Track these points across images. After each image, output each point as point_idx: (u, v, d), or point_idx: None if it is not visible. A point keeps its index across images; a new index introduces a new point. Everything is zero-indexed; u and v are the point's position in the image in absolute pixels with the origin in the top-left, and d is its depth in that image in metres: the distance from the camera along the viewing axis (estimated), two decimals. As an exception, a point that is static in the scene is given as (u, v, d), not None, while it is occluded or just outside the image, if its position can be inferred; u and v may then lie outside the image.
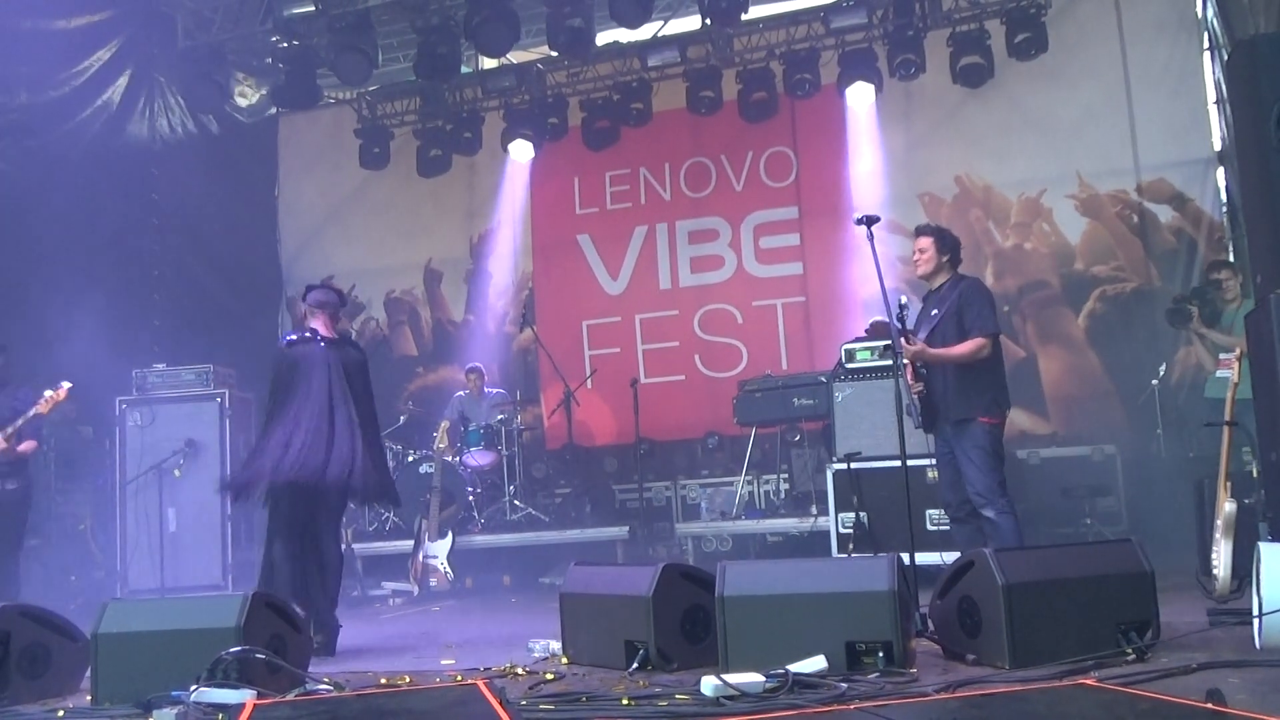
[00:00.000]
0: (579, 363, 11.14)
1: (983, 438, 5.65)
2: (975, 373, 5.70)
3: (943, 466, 5.89)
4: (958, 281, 5.91)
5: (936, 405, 5.79)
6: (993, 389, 5.74)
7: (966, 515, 5.74)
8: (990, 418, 5.68)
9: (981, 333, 5.68)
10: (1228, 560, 5.28)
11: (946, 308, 5.81)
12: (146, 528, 8.49)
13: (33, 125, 9.13)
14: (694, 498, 9.91)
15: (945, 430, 5.79)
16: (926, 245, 5.95)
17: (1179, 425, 8.83)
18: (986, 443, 5.64)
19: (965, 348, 5.68)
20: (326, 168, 12.25)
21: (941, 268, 5.94)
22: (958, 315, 5.75)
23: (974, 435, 5.66)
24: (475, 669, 4.65)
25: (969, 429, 5.67)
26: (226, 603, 4.44)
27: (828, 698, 3.56)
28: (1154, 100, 9.90)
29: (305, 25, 10.07)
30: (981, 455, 5.63)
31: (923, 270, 6.00)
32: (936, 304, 5.92)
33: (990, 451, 5.64)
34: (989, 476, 5.61)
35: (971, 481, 5.63)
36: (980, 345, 5.66)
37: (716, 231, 11.27)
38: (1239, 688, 3.39)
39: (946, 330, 5.77)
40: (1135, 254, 9.95)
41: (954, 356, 5.70)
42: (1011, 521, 5.53)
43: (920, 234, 6.04)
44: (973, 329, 5.69)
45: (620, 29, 10.04)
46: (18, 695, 4.29)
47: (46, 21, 9.23)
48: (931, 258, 5.94)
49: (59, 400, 6.48)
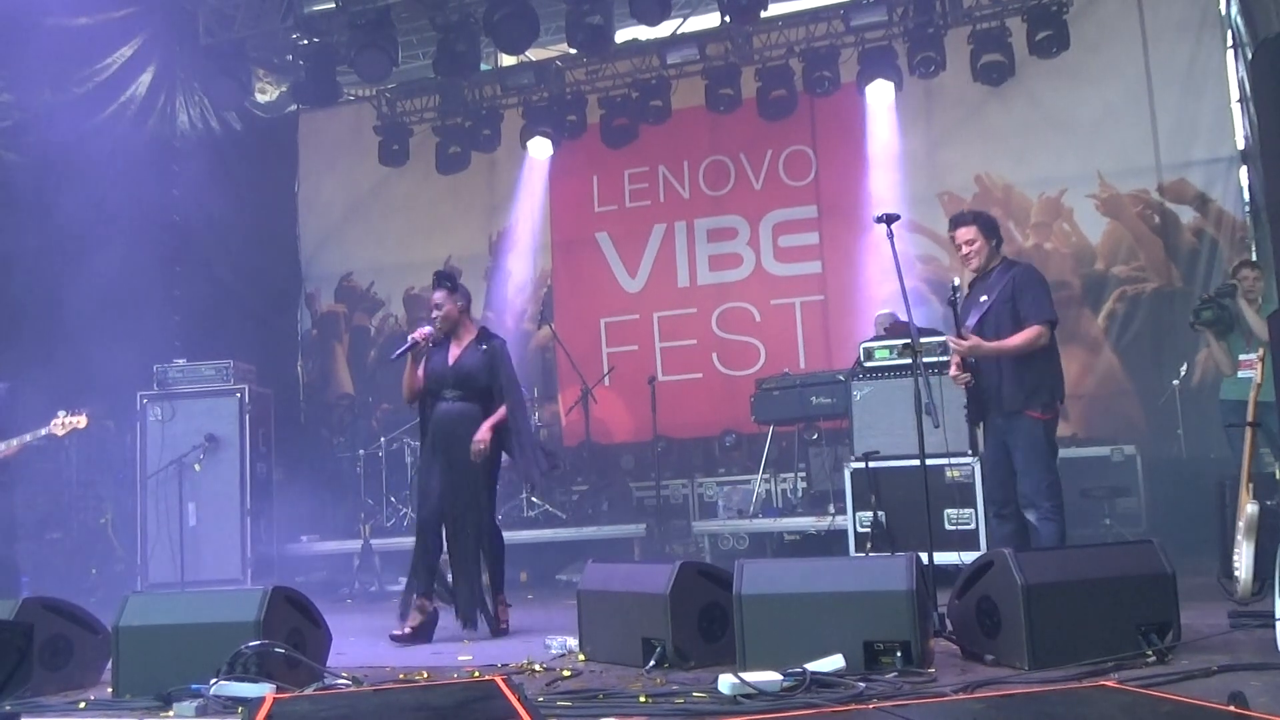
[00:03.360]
0: (597, 360, 11.16)
1: (1035, 433, 5.44)
2: (1030, 363, 5.48)
3: (990, 461, 5.71)
4: (1009, 266, 5.67)
5: (987, 397, 5.57)
6: (1047, 381, 5.51)
7: (1012, 514, 5.56)
8: (1042, 413, 5.46)
9: (1038, 320, 5.45)
10: (1249, 562, 5.23)
11: (998, 294, 5.57)
12: (167, 522, 8.52)
13: (55, 122, 9.18)
14: (711, 496, 9.91)
15: (996, 423, 5.59)
16: (973, 235, 5.65)
17: (1200, 426, 8.77)
18: (1040, 439, 5.44)
19: (1022, 338, 5.44)
20: (346, 165, 12.30)
21: (993, 254, 5.69)
22: (1011, 302, 5.51)
23: (1025, 430, 5.45)
24: (492, 665, 4.66)
25: (1019, 423, 5.47)
26: (246, 597, 4.46)
27: (845, 697, 3.56)
28: (1176, 99, 9.83)
29: (326, 22, 10.11)
30: (1031, 453, 5.44)
31: (976, 264, 5.71)
32: (985, 290, 5.67)
33: (1042, 449, 5.45)
34: (1037, 477, 5.42)
35: (1019, 480, 5.46)
36: (1038, 334, 5.44)
37: (735, 230, 11.26)
38: (1261, 690, 3.37)
39: (1000, 318, 5.53)
40: (1156, 254, 9.89)
41: (1011, 348, 5.46)
42: (1053, 529, 5.34)
43: (959, 225, 5.73)
44: (1029, 317, 5.46)
45: (639, 26, 10.03)
46: (40, 687, 4.33)
47: (69, 19, 9.29)
48: (981, 247, 5.65)
49: (77, 428, 6.41)
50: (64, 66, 9.37)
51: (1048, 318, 5.49)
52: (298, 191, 12.62)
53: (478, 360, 6.09)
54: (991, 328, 5.55)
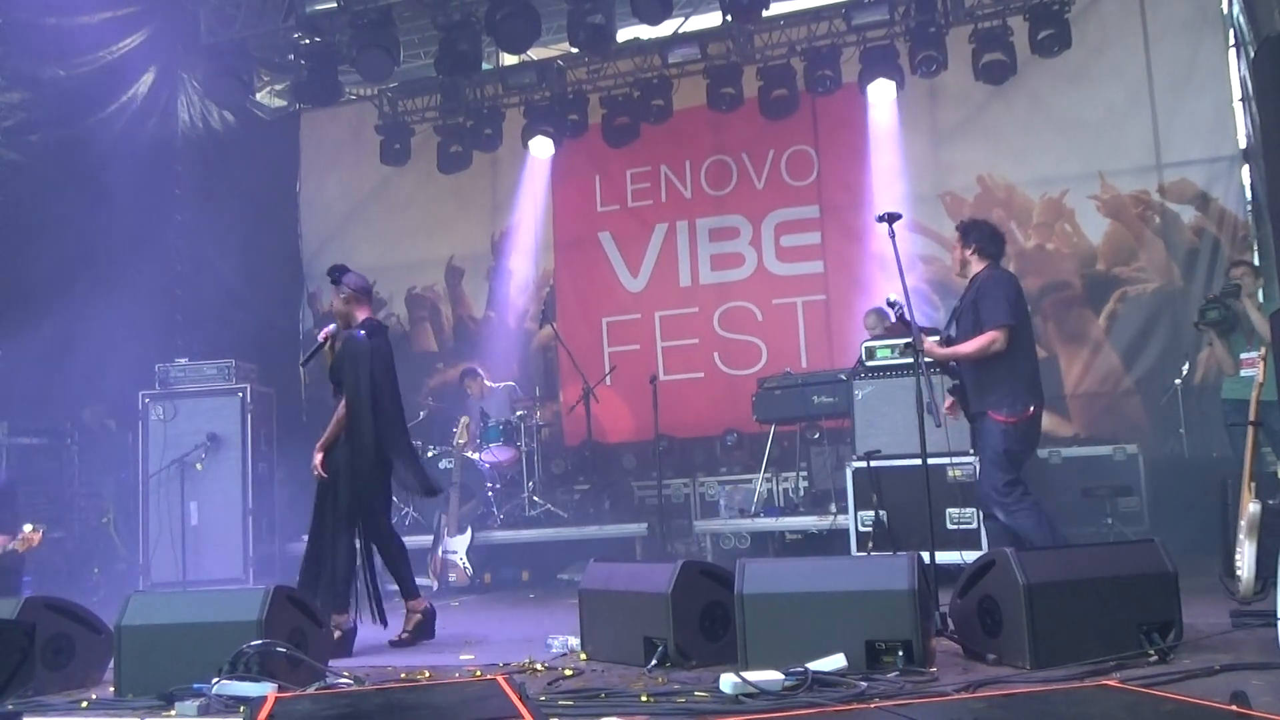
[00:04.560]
0: (599, 359, 11.16)
1: (992, 435, 5.53)
2: (988, 367, 5.58)
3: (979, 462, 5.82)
4: (984, 273, 5.76)
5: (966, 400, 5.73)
6: (1007, 384, 5.56)
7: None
8: (1002, 415, 5.52)
9: (992, 326, 5.54)
10: (1251, 562, 5.24)
11: (966, 300, 5.74)
12: (169, 521, 8.53)
13: (57, 121, 9.19)
14: (713, 495, 9.90)
15: (972, 424, 5.73)
16: (955, 243, 5.92)
17: (1202, 425, 8.77)
18: (996, 441, 5.52)
19: (974, 343, 5.57)
20: (348, 164, 12.31)
21: (968, 261, 5.82)
22: (974, 307, 5.63)
23: (984, 432, 5.58)
24: (494, 664, 4.67)
25: (982, 425, 5.60)
26: (248, 596, 4.47)
27: (847, 696, 3.56)
28: (1177, 98, 9.83)
29: (327, 22, 10.10)
30: (986, 454, 5.56)
31: (955, 270, 6.00)
32: (962, 296, 5.85)
33: (997, 451, 5.51)
34: (991, 476, 5.53)
35: (980, 480, 5.58)
36: (990, 340, 5.52)
37: (737, 229, 11.26)
38: (1263, 690, 3.37)
39: (964, 323, 5.68)
40: (1157, 254, 9.89)
41: (963, 354, 5.61)
42: (1024, 519, 5.40)
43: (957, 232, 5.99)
44: (985, 322, 5.57)
45: (641, 25, 10.01)
46: (42, 686, 4.34)
47: (70, 18, 9.30)
48: (957, 254, 5.90)
49: (32, 544, 6.29)
50: (66, 62, 9.39)
51: (1000, 322, 5.54)
52: (299, 191, 12.62)
53: (337, 357, 5.83)
54: (960, 332, 5.70)
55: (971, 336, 5.62)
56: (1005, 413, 5.53)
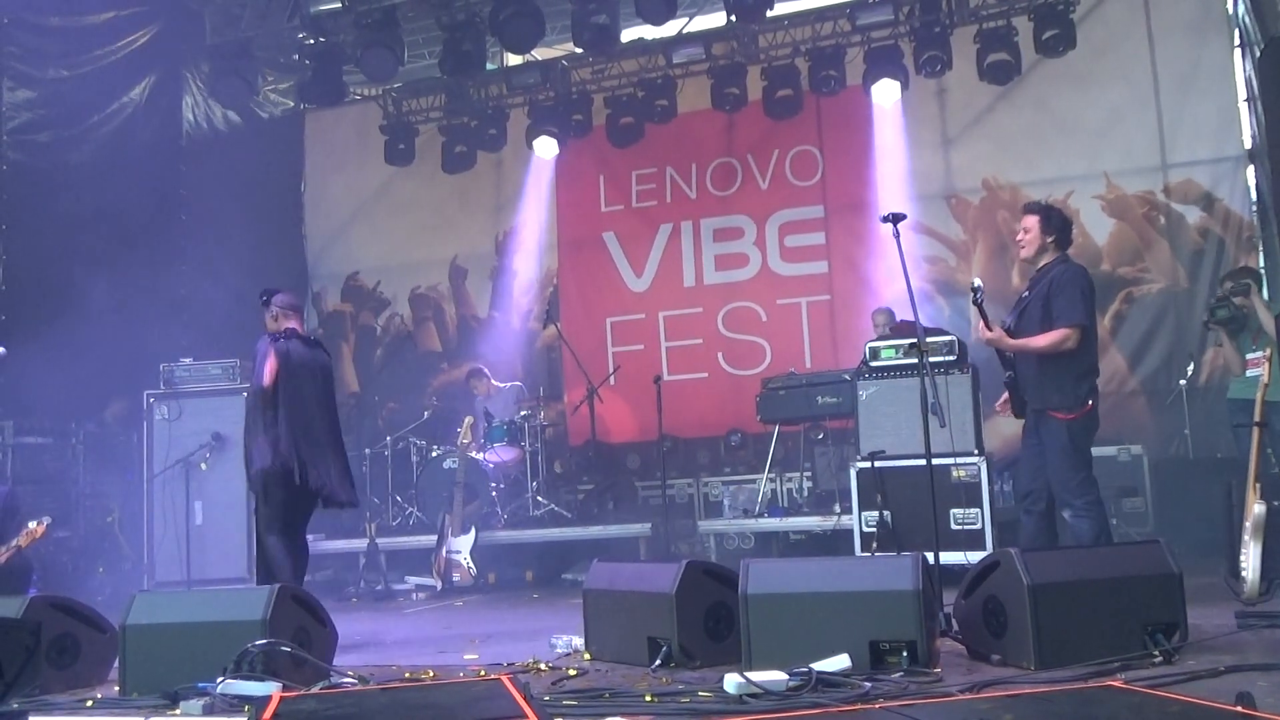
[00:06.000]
0: (603, 359, 11.15)
1: (1060, 433, 5.41)
2: (1057, 364, 5.43)
3: (1025, 454, 5.68)
4: (1058, 264, 5.59)
5: (1023, 393, 5.57)
6: (1073, 382, 5.43)
7: (1042, 510, 5.53)
8: (1066, 413, 5.40)
9: (1066, 323, 5.37)
10: (1256, 563, 5.22)
11: (1036, 292, 5.55)
12: (173, 521, 8.54)
13: (62, 120, 9.21)
14: (716, 495, 9.90)
15: (1030, 419, 5.58)
16: (1031, 225, 5.63)
17: (1206, 426, 8.76)
18: (1064, 439, 5.40)
19: (1046, 339, 5.41)
20: (352, 164, 12.32)
21: (1046, 249, 5.62)
22: (1045, 301, 5.48)
23: (1051, 429, 5.44)
24: (498, 664, 4.66)
25: (1045, 422, 5.47)
26: (253, 596, 4.48)
27: (851, 696, 3.55)
28: (1183, 99, 9.82)
29: (332, 22, 10.12)
30: (1056, 452, 5.42)
31: (1025, 253, 5.69)
32: (1030, 285, 5.66)
33: (1069, 449, 5.40)
34: (1064, 475, 5.40)
35: (1051, 479, 5.45)
36: (1064, 336, 5.37)
37: (741, 230, 11.26)
38: (1268, 691, 3.36)
39: (1032, 315, 5.51)
40: (1162, 255, 9.87)
41: (1034, 348, 5.45)
42: (1088, 525, 5.31)
43: (1026, 212, 5.73)
44: (1059, 318, 5.40)
45: (645, 25, 10.02)
46: (47, 685, 4.33)
47: (74, 19, 9.32)
48: (1035, 238, 5.62)
49: (36, 537, 6.35)
50: (71, 63, 9.41)
51: (1076, 321, 5.39)
52: (304, 191, 12.64)
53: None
54: (1026, 323, 5.54)
55: (1039, 329, 5.46)
56: (1070, 410, 5.42)
